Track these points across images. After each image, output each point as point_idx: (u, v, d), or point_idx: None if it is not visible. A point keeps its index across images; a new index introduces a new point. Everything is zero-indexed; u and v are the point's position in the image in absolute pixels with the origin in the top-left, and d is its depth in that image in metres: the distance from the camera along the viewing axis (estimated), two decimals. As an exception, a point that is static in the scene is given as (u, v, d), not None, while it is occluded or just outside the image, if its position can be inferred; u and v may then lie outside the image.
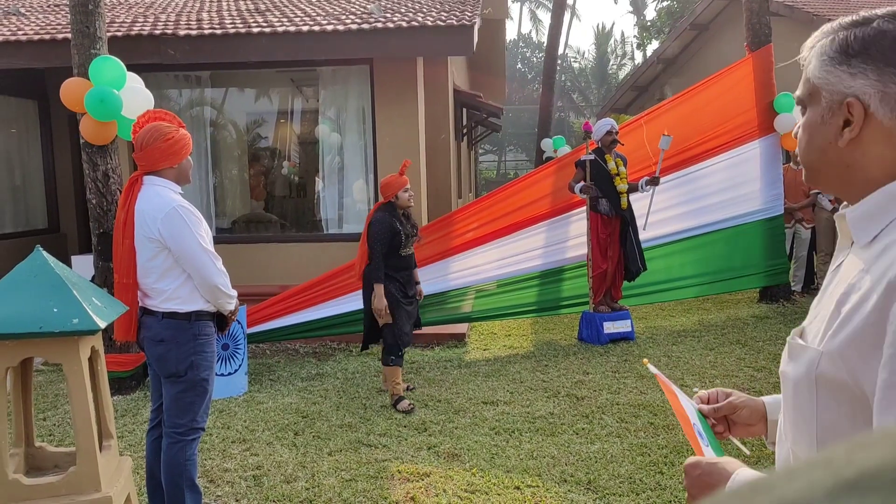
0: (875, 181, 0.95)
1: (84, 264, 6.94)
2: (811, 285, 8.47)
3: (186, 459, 3.14)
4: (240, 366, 5.39)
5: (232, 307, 3.23)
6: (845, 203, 1.01)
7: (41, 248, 2.81)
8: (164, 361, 3.09)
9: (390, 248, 4.90)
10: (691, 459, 1.12)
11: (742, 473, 1.04)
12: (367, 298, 5.02)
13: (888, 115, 0.93)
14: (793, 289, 8.10)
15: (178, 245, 3.01)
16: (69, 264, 6.93)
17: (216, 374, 4.98)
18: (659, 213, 7.02)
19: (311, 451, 4.21)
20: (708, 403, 1.34)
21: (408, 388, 5.27)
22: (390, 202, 5.00)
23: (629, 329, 6.54)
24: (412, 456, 4.09)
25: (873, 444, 0.33)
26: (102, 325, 2.74)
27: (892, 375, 0.83)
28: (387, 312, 4.87)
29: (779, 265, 7.67)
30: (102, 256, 5.42)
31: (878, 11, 0.96)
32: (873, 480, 0.30)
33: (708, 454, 1.16)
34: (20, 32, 7.03)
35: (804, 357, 0.98)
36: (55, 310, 2.65)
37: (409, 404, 4.91)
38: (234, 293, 3.22)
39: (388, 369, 5.00)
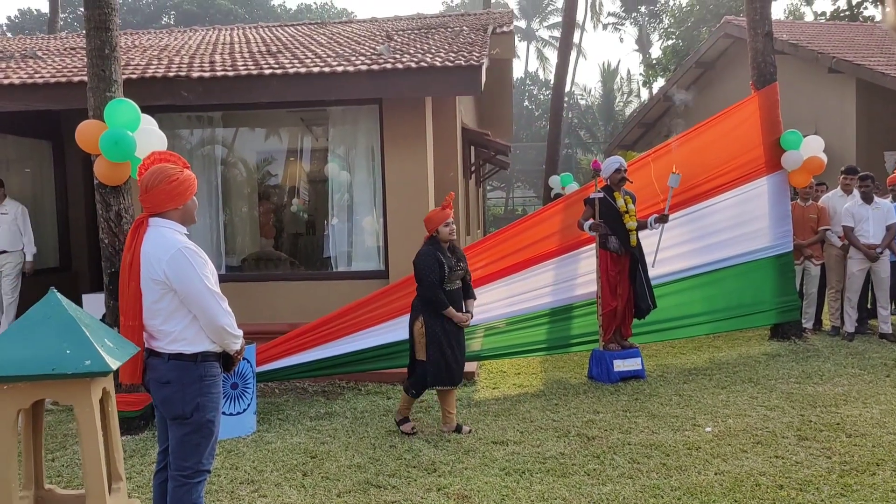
0: None
1: (95, 303, 6.97)
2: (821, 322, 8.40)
3: (192, 503, 3.11)
4: (248, 405, 5.37)
5: (238, 347, 3.22)
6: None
7: (55, 290, 2.84)
8: (170, 403, 3.07)
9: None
10: None
11: None
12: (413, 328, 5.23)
13: None
14: (804, 326, 8.04)
15: (184, 286, 3.02)
16: (80, 303, 6.97)
17: (225, 414, 4.97)
18: (668, 251, 7.02)
19: (320, 492, 4.17)
20: None
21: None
22: (433, 236, 5.19)
23: (640, 367, 6.49)
24: (421, 497, 4.05)
25: None
26: (115, 366, 2.75)
27: None
28: (465, 322, 5.17)
29: (790, 302, 7.62)
30: (114, 296, 5.45)
31: None
32: None
33: None
34: (37, 75, 7.18)
35: None
36: (68, 351, 2.67)
37: (412, 427, 5.16)
38: (240, 333, 3.21)
39: (406, 396, 5.27)
